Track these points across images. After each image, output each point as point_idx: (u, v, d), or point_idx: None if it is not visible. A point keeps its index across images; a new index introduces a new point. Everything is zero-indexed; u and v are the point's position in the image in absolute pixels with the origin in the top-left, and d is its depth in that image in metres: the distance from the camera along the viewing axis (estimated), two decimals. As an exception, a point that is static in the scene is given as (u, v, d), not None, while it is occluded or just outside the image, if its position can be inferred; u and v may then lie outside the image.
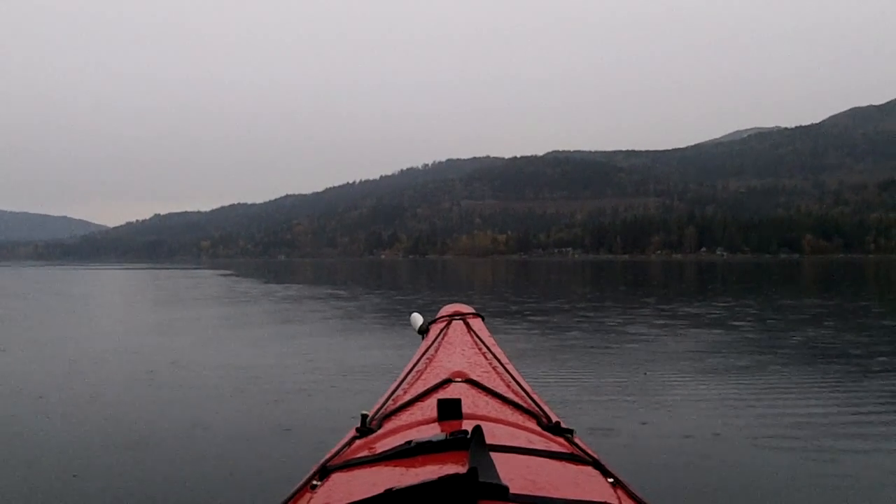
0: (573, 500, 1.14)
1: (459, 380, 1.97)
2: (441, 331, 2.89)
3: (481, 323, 3.14)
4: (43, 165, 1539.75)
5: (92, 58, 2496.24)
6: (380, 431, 1.66)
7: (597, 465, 1.44)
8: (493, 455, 1.21)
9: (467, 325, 2.96)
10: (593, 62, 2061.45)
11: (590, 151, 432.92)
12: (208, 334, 14.12)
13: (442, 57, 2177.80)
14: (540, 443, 1.51)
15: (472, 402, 1.76)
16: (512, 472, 1.17)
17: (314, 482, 1.36)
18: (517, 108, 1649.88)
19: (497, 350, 2.58)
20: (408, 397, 1.91)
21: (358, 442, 1.61)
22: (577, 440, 1.64)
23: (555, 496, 1.13)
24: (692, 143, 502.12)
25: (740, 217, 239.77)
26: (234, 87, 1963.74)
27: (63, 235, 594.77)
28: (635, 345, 11.41)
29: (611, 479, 1.37)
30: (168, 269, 70.59)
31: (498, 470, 1.13)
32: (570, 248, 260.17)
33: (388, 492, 1.04)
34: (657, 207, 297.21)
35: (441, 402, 1.63)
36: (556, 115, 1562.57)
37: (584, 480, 1.33)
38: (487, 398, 1.85)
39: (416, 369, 2.28)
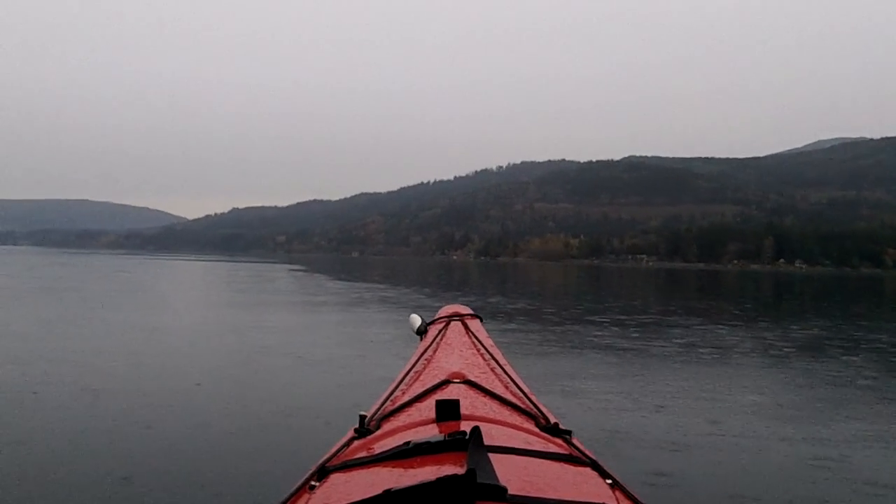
0: (571, 502, 1.14)
1: (458, 381, 1.98)
2: (439, 332, 2.88)
3: (479, 324, 3.13)
4: (126, 158, 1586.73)
5: (177, 60, 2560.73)
6: (378, 432, 1.66)
7: (595, 466, 1.44)
8: (492, 456, 1.21)
9: (465, 326, 2.96)
10: (673, 64, 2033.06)
11: (667, 157, 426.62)
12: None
13: (519, 57, 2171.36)
14: (538, 444, 1.51)
15: (471, 403, 1.77)
16: (510, 473, 1.17)
17: (312, 483, 1.36)
18: (593, 111, 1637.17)
19: (495, 351, 2.59)
20: (406, 398, 1.91)
21: (356, 443, 1.62)
22: (575, 441, 1.64)
23: (553, 497, 1.13)
24: (772, 152, 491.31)
25: (820, 229, 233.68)
26: (313, 89, 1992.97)
27: (143, 226, 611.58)
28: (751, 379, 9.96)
29: (609, 481, 1.37)
30: (244, 262, 71.30)
31: (496, 471, 1.13)
32: (643, 255, 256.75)
33: (387, 492, 1.03)
34: (734, 216, 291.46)
35: (439, 403, 1.63)
36: (632, 120, 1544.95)
37: (582, 481, 1.33)
38: (486, 399, 1.86)
39: (414, 370, 2.29)
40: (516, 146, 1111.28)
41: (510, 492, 1.05)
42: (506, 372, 2.26)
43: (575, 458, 1.46)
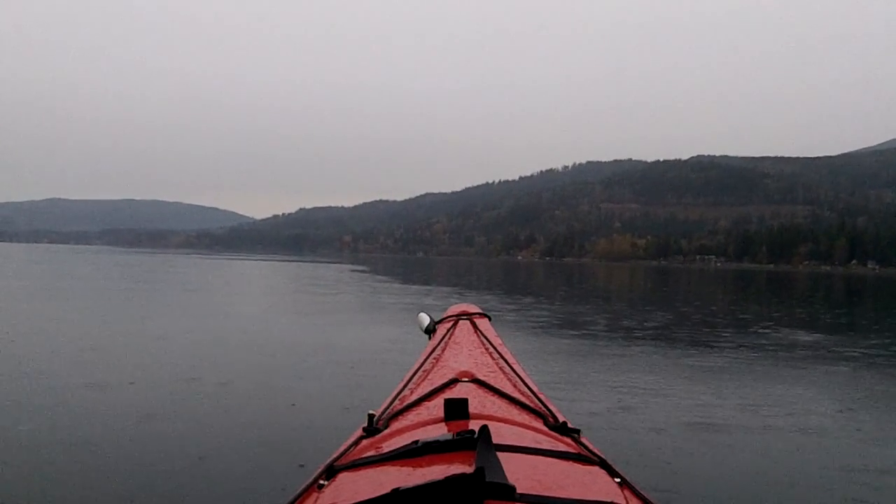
0: (580, 500, 1.14)
1: (466, 379, 1.97)
2: (448, 331, 2.90)
3: (488, 323, 3.15)
4: (197, 159, 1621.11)
5: (245, 64, 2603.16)
6: (386, 431, 1.66)
7: (604, 464, 1.44)
8: (500, 455, 1.21)
9: (474, 324, 2.97)
10: (743, 62, 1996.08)
11: (735, 157, 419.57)
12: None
13: (585, 54, 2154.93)
14: (547, 443, 1.51)
15: (479, 401, 1.77)
16: (519, 472, 1.17)
17: (321, 482, 1.36)
18: (660, 109, 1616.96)
19: (504, 350, 2.60)
20: (414, 397, 1.91)
21: (365, 442, 1.62)
22: (583, 440, 1.64)
23: (561, 496, 1.14)
24: (844, 151, 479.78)
25: (895, 229, 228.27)
26: (377, 90, 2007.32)
27: (212, 226, 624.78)
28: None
29: (617, 479, 1.37)
30: (310, 262, 71.31)
31: (505, 470, 1.13)
32: (712, 256, 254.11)
33: (395, 491, 1.04)
34: (805, 216, 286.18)
35: (448, 402, 1.63)
36: (700, 119, 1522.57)
37: (591, 480, 1.34)
38: (494, 398, 1.85)
39: (422, 369, 2.29)
40: (582, 146, 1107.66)
41: (519, 491, 1.05)
42: (514, 371, 2.26)
43: (584, 457, 1.46)
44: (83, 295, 21.62)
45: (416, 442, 1.38)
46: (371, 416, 1.75)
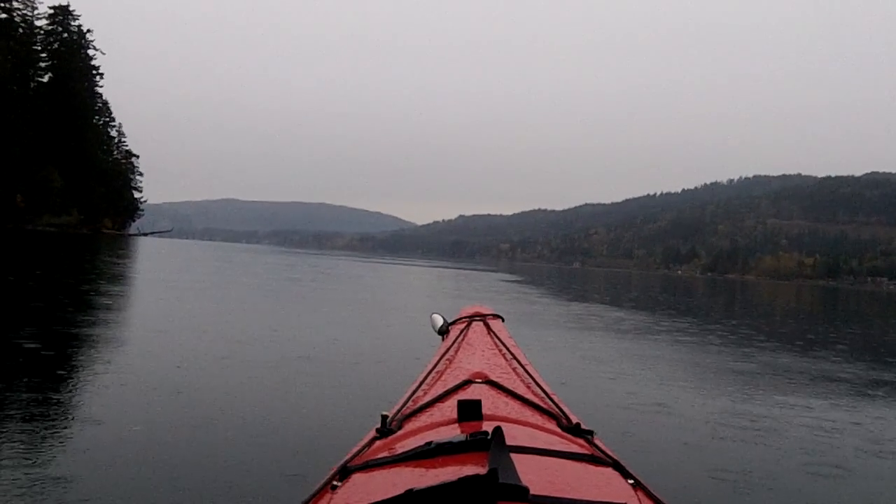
0: (593, 502, 1.14)
1: (479, 381, 1.97)
2: (461, 332, 2.89)
3: (501, 324, 3.15)
4: (362, 166, 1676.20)
5: (406, 71, 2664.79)
6: (400, 432, 1.67)
7: (617, 466, 1.44)
8: (514, 456, 1.21)
9: (487, 326, 2.95)
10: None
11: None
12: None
13: (749, 60, 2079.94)
14: (560, 444, 1.51)
15: (493, 403, 1.77)
16: (532, 474, 1.16)
17: (335, 482, 1.36)
18: (831, 122, 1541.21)
19: (517, 351, 2.59)
20: (428, 398, 1.91)
21: (378, 443, 1.62)
22: (597, 441, 1.64)
23: (575, 498, 1.14)
24: None
25: None
26: (537, 99, 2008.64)
27: (375, 230, 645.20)
28: None
29: (631, 481, 1.37)
30: (468, 270, 69.92)
31: (518, 471, 1.13)
32: (884, 278, 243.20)
33: (409, 492, 1.04)
34: None
35: (461, 403, 1.63)
36: (874, 132, 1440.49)
37: (605, 482, 1.34)
38: (507, 399, 1.85)
39: (436, 370, 2.29)
40: (748, 159, 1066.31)
41: (532, 492, 1.06)
42: (527, 372, 2.26)
43: (597, 459, 1.46)
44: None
45: (430, 443, 1.39)
46: (384, 417, 1.75)
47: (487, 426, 1.41)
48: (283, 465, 4.47)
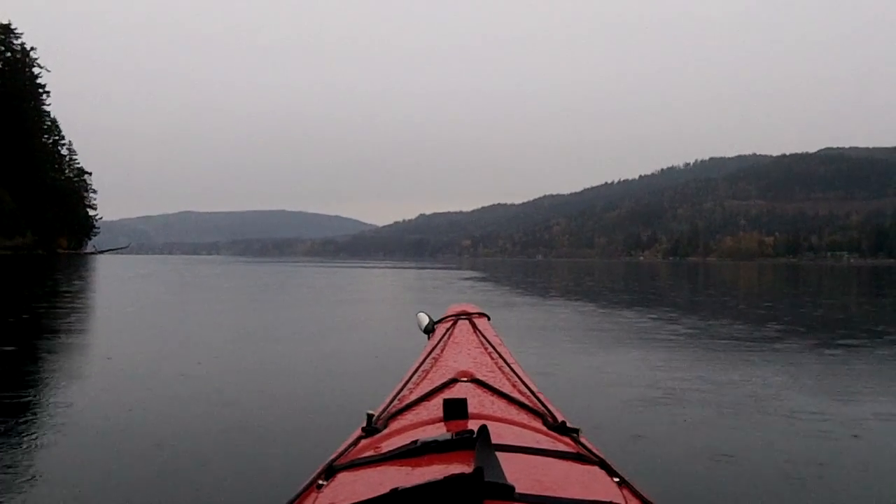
0: (579, 500, 1.14)
1: (465, 379, 1.98)
2: (447, 330, 2.90)
3: (487, 322, 3.15)
4: (318, 170, 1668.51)
5: (364, 74, 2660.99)
6: (385, 431, 1.66)
7: (603, 464, 1.44)
8: (499, 455, 1.22)
9: (473, 324, 2.97)
10: (872, 42, 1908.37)
11: (867, 148, 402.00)
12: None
13: (700, 47, 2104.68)
14: (546, 442, 1.51)
15: (478, 401, 1.77)
16: (518, 472, 1.16)
17: (320, 482, 1.36)
18: (784, 100, 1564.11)
19: (503, 349, 2.60)
20: (413, 397, 1.91)
21: (364, 441, 1.62)
22: (583, 440, 1.64)
23: (561, 496, 1.14)
24: None
25: None
26: (492, 94, 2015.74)
27: (336, 234, 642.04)
28: None
29: (617, 479, 1.37)
30: (429, 269, 67.29)
31: (504, 469, 1.13)
32: (844, 252, 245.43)
33: (394, 491, 1.04)
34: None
35: (447, 402, 1.64)
36: (827, 108, 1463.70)
37: (590, 480, 1.34)
38: (493, 398, 1.86)
39: (421, 369, 2.30)
40: (703, 142, 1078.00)
41: (518, 490, 1.05)
42: (513, 370, 2.27)
43: (583, 457, 1.46)
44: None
45: (416, 442, 1.38)
46: (370, 416, 1.76)
47: (473, 425, 1.41)
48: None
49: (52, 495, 3.56)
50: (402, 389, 2.07)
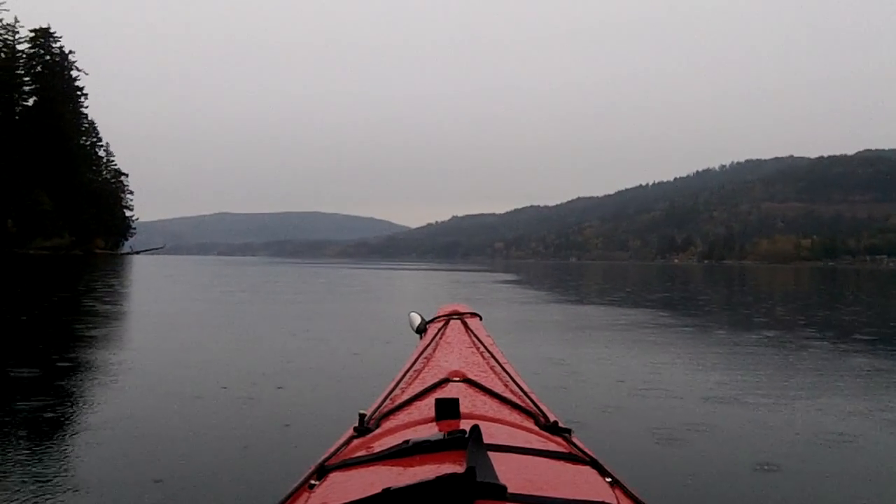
0: (571, 500, 1.14)
1: (457, 379, 1.97)
2: (439, 330, 2.89)
3: (479, 322, 3.14)
4: (354, 172, 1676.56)
5: (396, 77, 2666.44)
6: (377, 431, 1.66)
7: (595, 464, 1.43)
8: (491, 455, 1.21)
9: (465, 324, 2.95)
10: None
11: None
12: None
13: (737, 46, 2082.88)
14: (538, 442, 1.51)
15: (470, 401, 1.76)
16: (510, 472, 1.17)
17: (312, 482, 1.35)
18: (824, 102, 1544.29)
19: (495, 350, 2.58)
20: (405, 397, 1.90)
21: (356, 441, 1.61)
22: (574, 440, 1.63)
23: (553, 495, 1.13)
24: None
25: None
26: (526, 95, 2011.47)
27: (369, 235, 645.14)
28: None
29: (608, 479, 1.37)
30: (462, 270, 66.06)
31: (496, 469, 1.13)
32: (883, 256, 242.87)
33: (386, 491, 1.03)
34: None
35: (439, 402, 1.63)
36: (866, 110, 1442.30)
37: (582, 480, 1.33)
38: (485, 398, 1.85)
39: (413, 369, 2.28)
40: (740, 143, 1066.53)
41: (510, 490, 1.05)
42: (505, 370, 2.26)
43: (575, 457, 1.46)
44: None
45: (407, 442, 1.38)
46: (362, 416, 1.75)
47: (465, 424, 1.41)
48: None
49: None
50: (393, 389, 2.06)
